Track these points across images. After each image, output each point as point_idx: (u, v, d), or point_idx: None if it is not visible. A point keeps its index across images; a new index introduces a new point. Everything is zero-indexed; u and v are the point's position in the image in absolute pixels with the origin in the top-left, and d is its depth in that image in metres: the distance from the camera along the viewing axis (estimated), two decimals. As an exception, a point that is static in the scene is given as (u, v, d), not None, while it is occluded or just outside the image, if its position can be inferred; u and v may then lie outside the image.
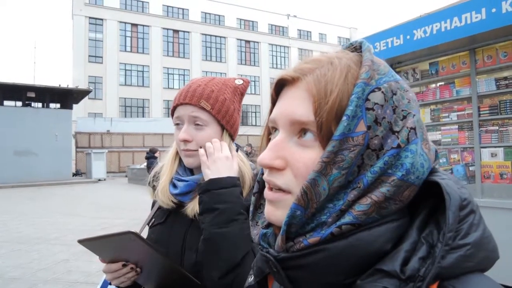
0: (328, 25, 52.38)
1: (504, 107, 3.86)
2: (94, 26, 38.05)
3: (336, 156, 0.44)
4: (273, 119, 0.53)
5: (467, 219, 0.44)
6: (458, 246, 0.43)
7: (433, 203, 0.48)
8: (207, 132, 1.15)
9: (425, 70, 4.60)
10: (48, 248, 6.56)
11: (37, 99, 23.47)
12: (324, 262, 0.45)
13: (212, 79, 1.21)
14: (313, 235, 0.46)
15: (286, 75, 0.51)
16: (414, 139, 0.47)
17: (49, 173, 21.70)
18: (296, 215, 0.46)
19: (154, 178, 1.25)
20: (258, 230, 0.56)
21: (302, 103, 0.48)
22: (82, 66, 36.78)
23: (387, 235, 0.45)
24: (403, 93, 0.49)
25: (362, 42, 0.52)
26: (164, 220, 1.21)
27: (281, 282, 0.52)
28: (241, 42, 45.36)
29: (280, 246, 0.48)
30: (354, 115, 0.44)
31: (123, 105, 38.72)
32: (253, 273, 0.63)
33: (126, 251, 1.04)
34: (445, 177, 0.48)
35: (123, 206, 12.08)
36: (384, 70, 0.49)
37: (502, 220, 3.63)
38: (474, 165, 4.04)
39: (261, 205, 0.59)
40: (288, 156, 0.49)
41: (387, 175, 0.45)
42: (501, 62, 3.86)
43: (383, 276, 0.43)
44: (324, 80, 0.47)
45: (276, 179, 0.50)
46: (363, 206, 0.44)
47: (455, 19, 3.85)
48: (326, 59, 0.50)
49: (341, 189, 0.46)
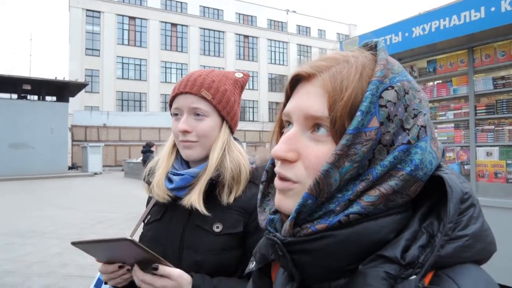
0: (327, 21, 52.28)
1: (500, 107, 3.87)
2: (92, 18, 37.77)
3: (349, 150, 0.46)
4: (288, 113, 0.54)
5: (467, 212, 0.47)
6: (457, 237, 0.45)
7: (436, 197, 0.50)
8: (207, 123, 1.12)
9: (423, 68, 4.60)
10: (43, 241, 6.55)
11: (33, 92, 23.36)
12: (329, 248, 0.47)
13: (212, 71, 1.19)
14: (321, 222, 0.48)
15: (302, 71, 0.53)
16: (424, 136, 0.49)
17: (44, 166, 21.64)
18: (307, 204, 0.48)
19: (149, 173, 1.21)
20: (266, 216, 0.58)
21: (317, 99, 0.50)
22: (79, 59, 36.55)
23: (391, 226, 0.47)
24: (415, 93, 0.51)
25: (377, 41, 0.55)
26: (160, 217, 1.18)
27: (285, 266, 0.53)
28: (239, 37, 45.21)
29: (288, 231, 0.50)
30: (368, 111, 0.46)
31: (120, 98, 38.55)
32: (256, 259, 0.64)
33: (121, 254, 1.01)
34: (448, 172, 0.50)
35: (119, 200, 12.07)
36: (398, 70, 0.51)
37: (496, 219, 3.65)
38: (469, 163, 4.05)
39: (269, 193, 0.62)
40: (301, 149, 0.51)
41: (396, 169, 0.47)
42: (499, 61, 3.86)
43: (385, 262, 0.45)
44: (340, 77, 0.49)
45: (286, 171, 0.51)
46: (372, 198, 0.46)
47: (454, 17, 3.84)
48: (342, 58, 0.52)
49: (351, 180, 0.48)
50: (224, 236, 1.08)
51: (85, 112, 31.86)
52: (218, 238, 1.08)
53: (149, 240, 1.15)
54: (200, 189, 1.08)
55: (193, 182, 1.11)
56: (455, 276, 0.44)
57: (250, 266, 0.66)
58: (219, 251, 1.07)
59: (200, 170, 1.12)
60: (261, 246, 0.64)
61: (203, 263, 1.06)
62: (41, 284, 4.47)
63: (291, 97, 0.56)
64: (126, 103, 38.99)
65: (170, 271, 0.98)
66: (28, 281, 4.59)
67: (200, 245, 1.08)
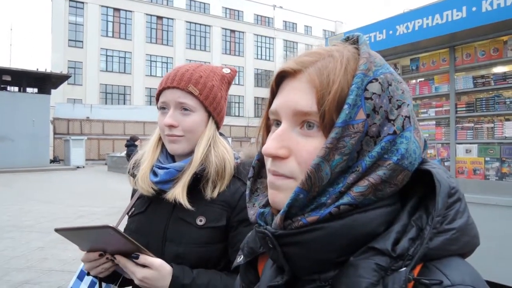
0: (314, 18, 52.42)
1: (480, 105, 3.96)
2: (75, 9, 36.96)
3: (339, 143, 0.47)
4: (275, 111, 0.54)
5: (454, 206, 0.48)
6: (444, 230, 0.47)
7: (423, 191, 0.52)
8: (193, 118, 1.13)
9: (406, 66, 4.67)
10: (22, 235, 6.43)
11: (13, 83, 22.75)
12: (320, 240, 0.48)
13: (200, 66, 1.19)
14: (312, 214, 0.49)
15: (288, 67, 0.53)
16: (408, 126, 0.50)
17: (25, 159, 21.17)
18: (299, 198, 0.49)
19: (134, 165, 1.21)
20: (255, 210, 0.58)
21: (305, 94, 0.50)
22: (61, 51, 35.75)
23: (381, 218, 0.49)
24: (397, 84, 0.52)
25: (359, 35, 0.55)
26: (144, 209, 1.18)
27: (276, 259, 0.54)
28: (226, 32, 44.94)
29: (278, 224, 0.50)
30: (354, 103, 0.47)
31: (103, 91, 37.94)
32: (244, 253, 0.65)
33: (104, 242, 1.02)
34: (436, 167, 0.51)
35: (101, 194, 11.91)
36: (380, 63, 0.52)
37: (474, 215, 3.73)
38: (449, 160, 4.14)
39: (257, 189, 0.63)
40: (292, 145, 0.51)
41: (383, 159, 0.48)
42: (479, 60, 3.94)
43: (375, 254, 0.46)
44: (326, 71, 0.50)
45: (279, 168, 0.52)
46: (361, 188, 0.47)
47: (436, 16, 3.90)
48: (326, 52, 0.53)
49: (342, 173, 0.49)
50: (207, 229, 1.09)
51: (67, 105, 31.22)
52: (201, 231, 1.09)
53: (133, 232, 1.16)
54: (184, 183, 1.09)
55: (178, 176, 1.12)
56: (443, 268, 0.45)
57: (238, 259, 0.66)
58: (202, 244, 1.08)
59: (185, 164, 1.13)
60: (249, 240, 0.65)
61: (185, 256, 1.07)
62: (20, 279, 4.39)
63: (277, 94, 0.56)
64: (110, 96, 38.40)
65: (151, 261, 0.99)
66: (6, 276, 4.50)
67: (183, 238, 1.09)
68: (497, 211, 3.60)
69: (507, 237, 3.48)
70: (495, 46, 3.84)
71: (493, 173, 3.83)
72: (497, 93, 3.90)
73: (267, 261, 0.63)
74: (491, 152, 3.85)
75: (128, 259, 1.00)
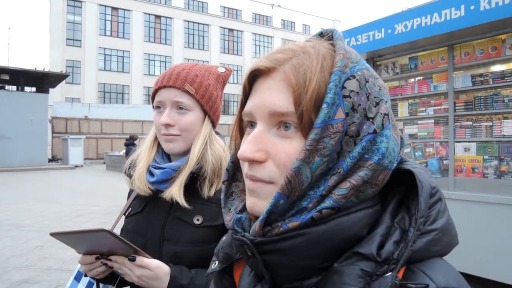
0: (312, 17, 52.40)
1: (478, 103, 3.97)
2: (73, 8, 36.83)
3: (318, 144, 0.45)
4: (249, 112, 0.51)
5: (435, 206, 0.47)
6: (427, 231, 0.46)
7: (403, 191, 0.50)
8: (190, 117, 1.13)
9: (405, 65, 4.67)
10: (21, 234, 6.42)
11: (12, 82, 22.70)
12: (302, 246, 0.46)
13: (195, 65, 1.19)
14: (293, 220, 0.46)
15: (261, 65, 0.50)
16: (387, 124, 0.48)
17: (23, 158, 21.12)
18: (279, 204, 0.46)
19: (130, 166, 1.21)
20: (231, 216, 0.55)
21: (280, 93, 0.48)
22: (59, 50, 35.64)
23: (364, 221, 0.47)
24: (374, 81, 0.50)
25: (333, 30, 0.53)
26: (141, 209, 1.18)
27: (255, 267, 0.52)
28: (224, 31, 44.86)
29: (257, 231, 0.48)
30: (333, 102, 0.45)
31: (102, 90, 37.83)
32: (218, 259, 0.62)
33: (100, 245, 1.02)
34: (416, 166, 0.50)
35: (100, 193, 11.90)
36: (356, 59, 0.50)
37: (472, 213, 3.76)
38: (448, 158, 4.15)
39: (232, 193, 0.60)
40: (270, 148, 0.49)
41: (364, 159, 0.46)
42: (477, 59, 3.95)
43: (361, 259, 0.45)
44: (302, 69, 0.47)
45: (257, 172, 0.49)
46: (343, 190, 0.45)
47: (435, 14, 3.91)
48: (300, 49, 0.50)
49: (322, 176, 0.47)
50: (204, 228, 1.09)
51: (66, 104, 31.12)
52: (198, 230, 1.09)
53: (131, 232, 1.16)
54: (181, 182, 1.09)
55: (174, 176, 1.12)
56: (428, 271, 0.45)
57: (212, 266, 0.63)
58: (199, 243, 1.08)
59: (181, 164, 1.13)
60: (225, 245, 0.62)
61: (182, 255, 1.07)
62: (19, 278, 4.39)
63: (250, 94, 0.53)
64: (108, 95, 38.29)
65: (148, 262, 0.99)
66: (5, 274, 4.50)
67: (180, 237, 1.09)
68: (496, 209, 3.61)
69: (505, 235, 3.50)
70: (494, 45, 3.85)
71: (492, 171, 3.84)
72: (495, 91, 3.91)
73: (244, 268, 0.61)
74: (490, 150, 3.86)
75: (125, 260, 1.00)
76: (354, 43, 4.76)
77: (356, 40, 4.74)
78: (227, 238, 0.62)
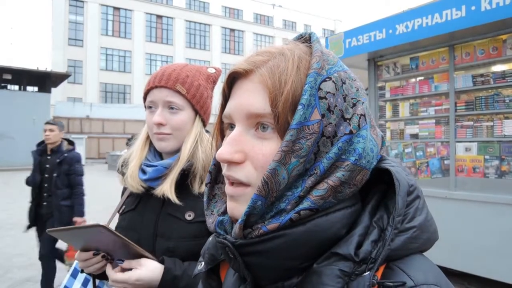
0: (313, 16, 52.33)
1: (479, 103, 3.98)
2: (75, 8, 36.89)
3: (294, 145, 0.46)
4: (228, 114, 0.52)
5: (413, 203, 0.48)
6: (405, 229, 0.47)
7: (383, 189, 0.51)
8: (181, 116, 1.16)
9: (406, 65, 4.68)
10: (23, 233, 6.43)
11: (14, 82, 22.77)
12: (282, 248, 0.47)
13: (186, 65, 1.22)
14: (272, 221, 0.47)
15: (239, 68, 0.51)
16: (364, 125, 0.49)
17: (25, 157, 20.89)
18: (257, 206, 0.47)
19: (123, 164, 1.25)
20: (214, 218, 0.56)
21: (258, 95, 0.48)
22: (61, 49, 35.69)
23: (343, 221, 0.48)
24: (351, 82, 0.51)
25: (311, 33, 0.54)
26: (135, 207, 1.22)
27: (237, 269, 0.52)
28: (225, 30, 44.87)
29: (238, 234, 0.49)
30: (308, 104, 0.46)
31: (103, 90, 37.88)
32: (204, 260, 0.63)
33: (96, 241, 1.05)
34: (394, 164, 0.51)
35: (101, 192, 11.91)
36: (333, 61, 0.51)
37: (473, 212, 3.77)
38: (449, 158, 4.16)
39: (215, 195, 0.61)
40: (247, 149, 0.49)
41: (341, 160, 0.47)
42: (478, 59, 3.96)
43: (339, 259, 0.45)
44: (278, 71, 0.48)
45: (235, 173, 0.50)
46: (320, 191, 0.46)
47: (436, 15, 3.92)
48: (277, 51, 0.51)
49: (299, 177, 0.47)
50: (196, 224, 1.12)
51: (67, 104, 31.19)
52: (190, 225, 1.12)
53: (124, 229, 1.19)
54: (172, 179, 1.13)
55: (166, 173, 1.15)
56: (406, 268, 0.45)
57: (199, 267, 0.64)
58: (191, 238, 1.11)
59: (172, 161, 1.16)
60: (210, 246, 0.62)
61: (175, 250, 1.10)
62: (22, 277, 4.41)
63: (229, 97, 0.54)
64: (110, 95, 38.35)
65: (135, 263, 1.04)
66: (8, 273, 4.52)
67: (173, 233, 1.12)
68: (497, 209, 3.62)
69: (506, 235, 3.51)
70: (494, 45, 3.86)
71: (493, 171, 3.85)
72: (496, 91, 3.92)
73: (228, 269, 0.62)
74: (491, 150, 3.87)
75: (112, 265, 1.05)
76: (355, 43, 4.77)
77: (357, 41, 4.75)
78: (212, 239, 0.62)
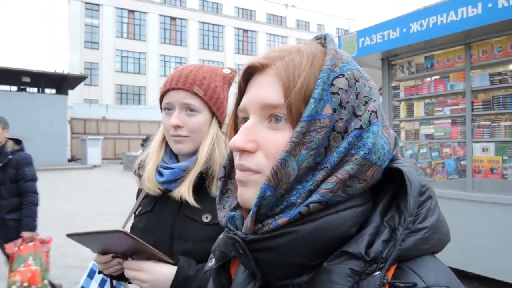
0: (327, 16, 52.00)
1: (497, 103, 3.89)
2: (91, 11, 37.49)
3: (305, 137, 0.47)
4: (243, 107, 0.54)
5: (425, 204, 0.48)
6: (417, 230, 0.46)
7: (395, 189, 0.51)
8: (198, 118, 1.16)
9: (421, 64, 4.61)
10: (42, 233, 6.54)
11: (33, 84, 23.29)
12: (292, 244, 0.47)
13: (202, 66, 1.22)
14: (282, 216, 0.47)
15: (256, 62, 0.53)
16: (375, 121, 0.50)
17: (43, 158, 21.52)
18: (266, 196, 0.47)
19: (139, 166, 1.24)
20: (225, 212, 0.57)
21: (272, 87, 0.50)
22: (78, 52, 36.35)
23: (353, 219, 0.48)
24: (365, 82, 0.52)
25: (326, 34, 0.56)
26: (151, 208, 1.21)
27: (247, 265, 0.53)
28: (238, 31, 44.97)
29: (249, 227, 0.49)
30: (320, 98, 0.47)
31: (119, 92, 38.42)
32: (215, 257, 0.63)
33: (114, 245, 1.06)
34: (406, 164, 0.51)
35: (117, 192, 12.07)
36: (347, 60, 0.52)
37: (491, 214, 3.70)
38: (465, 159, 4.08)
39: (228, 190, 0.61)
40: (260, 138, 0.51)
41: (350, 154, 0.48)
42: (496, 57, 3.88)
43: (349, 258, 0.46)
44: (292, 65, 0.50)
45: (247, 162, 0.51)
46: (329, 184, 0.47)
47: (451, 13, 3.85)
48: (294, 48, 0.53)
49: (310, 170, 0.48)
50: (213, 226, 1.11)
51: (84, 105, 31.77)
52: (207, 228, 1.12)
53: (141, 231, 1.19)
54: (190, 182, 1.12)
55: (183, 175, 1.14)
56: (417, 269, 0.45)
57: (209, 264, 0.64)
58: (208, 241, 1.09)
59: (189, 164, 1.15)
60: (221, 243, 0.62)
61: (192, 252, 1.10)
62: (41, 275, 4.50)
63: (245, 92, 0.55)
64: (125, 96, 38.86)
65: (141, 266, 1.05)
66: (28, 271, 4.62)
67: (190, 235, 1.12)
68: (515, 210, 3.54)
69: (525, 237, 3.43)
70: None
71: (511, 172, 3.77)
72: (514, 90, 3.84)
73: (239, 266, 0.62)
74: (509, 151, 3.79)
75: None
76: (368, 42, 4.73)
77: (371, 40, 4.70)
78: (223, 236, 0.62)
